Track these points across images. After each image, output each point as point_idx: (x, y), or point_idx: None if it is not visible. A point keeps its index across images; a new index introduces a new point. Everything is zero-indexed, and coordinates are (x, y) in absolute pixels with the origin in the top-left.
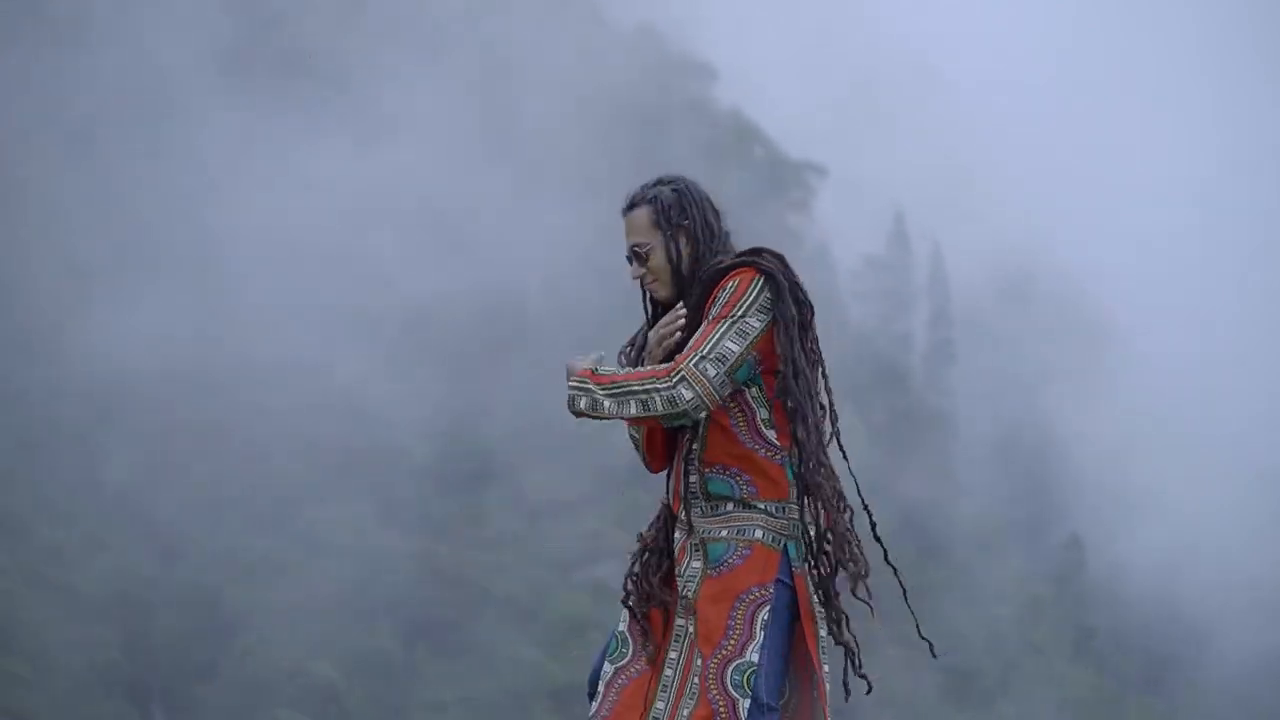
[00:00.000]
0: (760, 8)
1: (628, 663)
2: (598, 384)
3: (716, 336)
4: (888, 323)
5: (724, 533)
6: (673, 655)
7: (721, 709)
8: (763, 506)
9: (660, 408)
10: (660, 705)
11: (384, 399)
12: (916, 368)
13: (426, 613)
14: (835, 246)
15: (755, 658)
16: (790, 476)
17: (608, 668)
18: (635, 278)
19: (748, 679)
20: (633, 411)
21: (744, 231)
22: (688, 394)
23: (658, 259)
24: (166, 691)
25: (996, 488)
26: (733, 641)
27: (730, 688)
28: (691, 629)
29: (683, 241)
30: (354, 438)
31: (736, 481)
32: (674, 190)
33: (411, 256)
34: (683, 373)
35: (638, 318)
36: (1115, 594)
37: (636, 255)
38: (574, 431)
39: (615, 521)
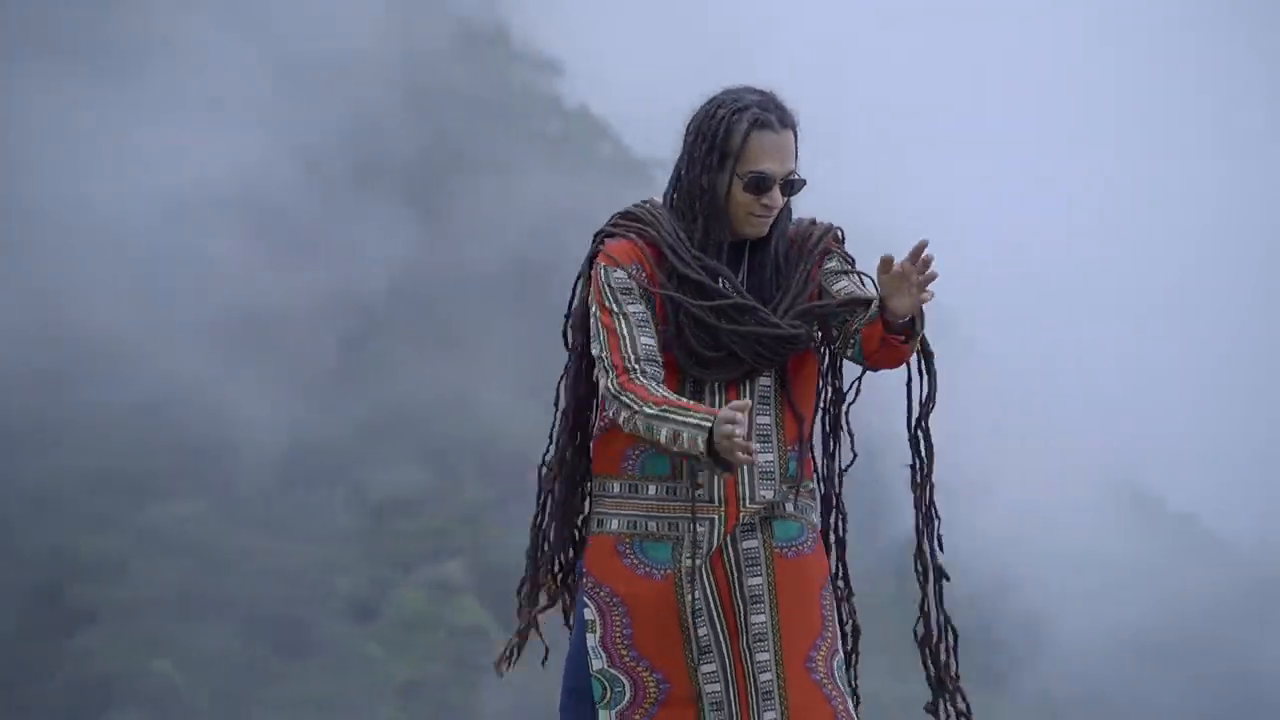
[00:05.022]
0: (608, 5)
1: (630, 704)
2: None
3: None
4: None
5: (790, 508)
6: (708, 669)
7: (840, 707)
8: (810, 486)
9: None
10: (765, 677)
11: (225, 396)
12: None
13: (268, 610)
14: None
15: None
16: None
17: (607, 716)
18: (766, 207)
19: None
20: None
21: (591, 228)
22: None
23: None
24: (1, 692)
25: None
26: (831, 632)
27: (842, 682)
28: (764, 620)
29: None
30: (195, 435)
31: (801, 461)
32: None
33: (251, 250)
34: None
35: (484, 318)
36: (952, 587)
37: (790, 185)
38: (417, 430)
39: (458, 519)
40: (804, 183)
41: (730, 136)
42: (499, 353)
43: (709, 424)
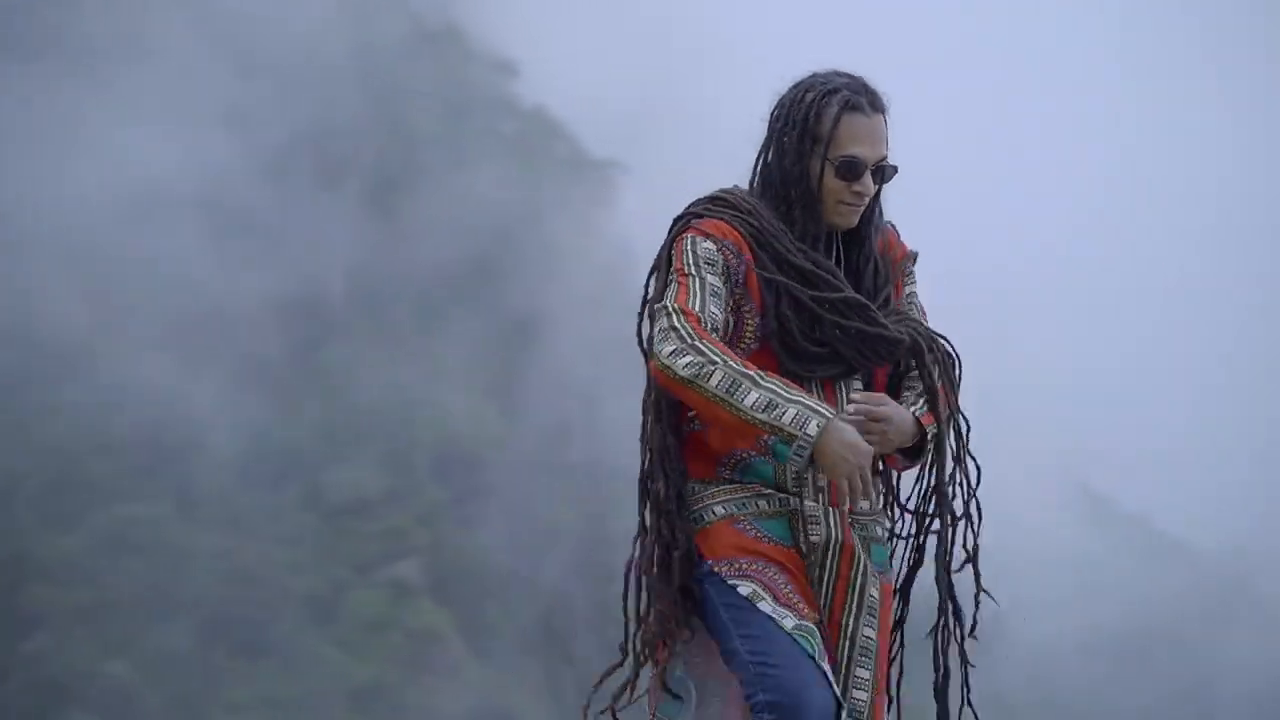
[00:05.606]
0: (565, 6)
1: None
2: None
3: None
4: None
5: (879, 531)
6: (863, 674)
7: None
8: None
9: None
10: (861, 696)
11: (182, 396)
12: None
13: (226, 612)
14: (639, 245)
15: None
16: None
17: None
18: (857, 194)
19: None
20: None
21: (547, 229)
22: None
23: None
24: None
25: None
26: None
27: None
28: (874, 636)
29: None
30: (152, 435)
31: (887, 470)
32: None
33: (208, 250)
34: None
35: (440, 319)
36: (913, 591)
37: (882, 171)
38: (375, 431)
39: (415, 520)
40: (896, 169)
41: (820, 120)
42: (455, 353)
43: (830, 415)
